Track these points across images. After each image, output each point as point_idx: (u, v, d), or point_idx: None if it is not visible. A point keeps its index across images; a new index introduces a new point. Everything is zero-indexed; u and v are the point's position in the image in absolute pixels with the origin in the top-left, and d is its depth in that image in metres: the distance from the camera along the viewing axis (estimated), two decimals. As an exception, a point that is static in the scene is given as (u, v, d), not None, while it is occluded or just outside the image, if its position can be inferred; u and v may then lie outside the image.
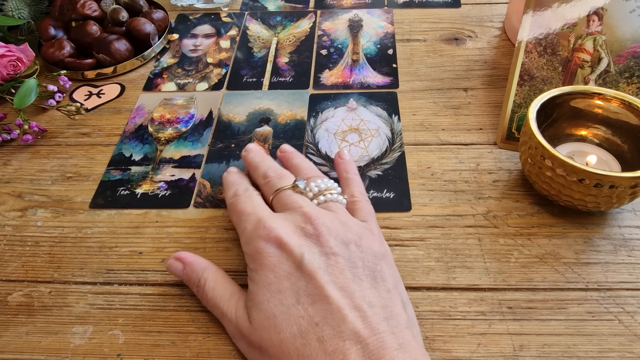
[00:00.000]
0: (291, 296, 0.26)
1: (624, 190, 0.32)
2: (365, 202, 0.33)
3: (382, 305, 0.26)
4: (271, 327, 0.26)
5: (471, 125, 0.43)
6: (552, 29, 0.40)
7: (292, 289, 0.27)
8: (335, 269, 0.27)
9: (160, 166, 0.42)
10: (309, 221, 0.29)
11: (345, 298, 0.26)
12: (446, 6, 0.58)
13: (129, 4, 0.55)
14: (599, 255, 0.34)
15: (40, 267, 0.35)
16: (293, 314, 0.26)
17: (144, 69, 0.52)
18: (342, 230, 0.29)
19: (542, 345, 0.29)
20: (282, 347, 0.25)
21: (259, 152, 0.36)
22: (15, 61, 0.48)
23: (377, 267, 0.28)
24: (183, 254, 0.32)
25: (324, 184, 0.32)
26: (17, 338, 0.31)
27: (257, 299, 0.27)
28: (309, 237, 0.28)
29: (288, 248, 0.28)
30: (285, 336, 0.25)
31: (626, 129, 0.36)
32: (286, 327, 0.26)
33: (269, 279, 0.27)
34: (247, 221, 0.30)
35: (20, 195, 0.40)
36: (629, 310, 0.30)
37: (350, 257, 0.28)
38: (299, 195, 0.31)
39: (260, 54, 0.53)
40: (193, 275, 0.31)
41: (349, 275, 0.27)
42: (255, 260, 0.28)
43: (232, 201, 0.32)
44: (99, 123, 0.46)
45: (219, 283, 0.30)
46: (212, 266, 0.31)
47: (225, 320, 0.29)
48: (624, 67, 0.39)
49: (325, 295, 0.26)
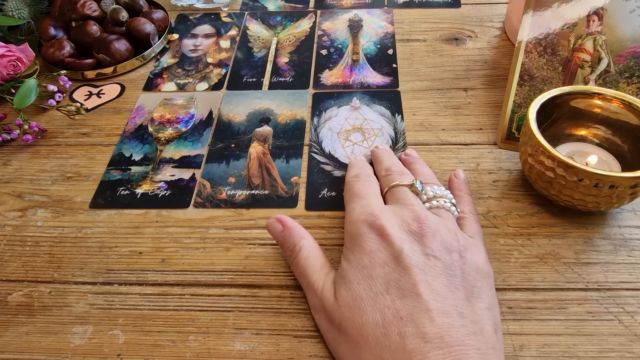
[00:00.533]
0: (382, 284, 0.26)
1: (624, 190, 0.32)
2: (475, 221, 0.33)
3: (473, 320, 0.25)
4: (355, 308, 0.26)
5: (471, 125, 0.43)
6: (552, 29, 0.40)
7: (384, 277, 0.26)
8: (433, 271, 0.26)
9: (160, 166, 0.42)
10: (417, 219, 0.28)
11: (437, 301, 0.25)
12: (446, 6, 0.58)
13: (129, 4, 0.55)
14: (599, 255, 0.34)
15: (40, 267, 0.35)
16: (379, 302, 0.26)
17: (144, 69, 0.52)
18: (448, 237, 0.28)
19: (542, 345, 0.29)
20: (361, 331, 0.25)
21: (387, 150, 0.38)
22: (15, 61, 0.48)
23: (477, 283, 0.27)
24: (285, 218, 0.32)
25: (440, 191, 0.32)
26: (17, 338, 0.31)
27: (348, 277, 0.27)
28: (412, 234, 0.28)
29: (389, 239, 0.28)
30: (367, 320, 0.25)
31: (626, 129, 0.36)
32: (370, 313, 0.25)
33: (363, 262, 0.27)
34: (357, 202, 0.31)
35: (20, 195, 0.40)
36: (629, 310, 0.30)
37: (451, 264, 0.27)
38: (413, 194, 0.32)
39: (260, 54, 0.53)
40: (290, 240, 0.31)
41: (444, 281, 0.26)
42: (354, 241, 0.29)
43: (352, 180, 0.34)
44: (99, 123, 0.46)
45: (313, 253, 0.31)
46: (310, 237, 0.32)
47: (310, 290, 0.30)
48: (624, 67, 0.39)
49: (417, 292, 0.25)
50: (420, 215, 0.29)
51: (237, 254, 0.35)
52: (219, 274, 0.34)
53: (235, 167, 0.41)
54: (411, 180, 0.32)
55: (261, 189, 0.39)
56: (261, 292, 0.33)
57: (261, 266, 0.34)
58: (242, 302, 0.32)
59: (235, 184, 0.40)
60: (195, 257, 0.35)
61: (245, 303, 0.32)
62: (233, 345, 0.30)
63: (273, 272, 0.34)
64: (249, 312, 0.32)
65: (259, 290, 0.33)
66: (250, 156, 0.42)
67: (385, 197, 0.32)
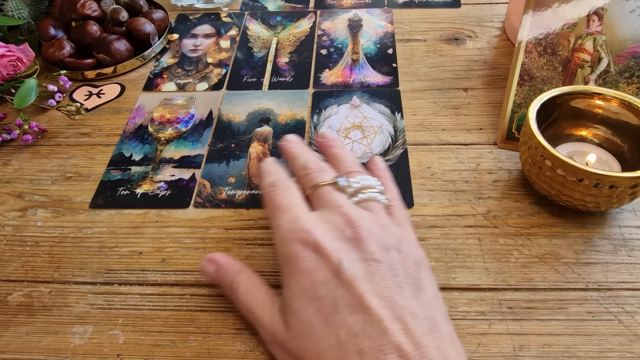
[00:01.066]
0: (329, 304, 0.25)
1: (624, 190, 0.32)
2: (401, 207, 0.32)
3: (425, 317, 0.25)
4: (309, 335, 0.25)
5: (471, 125, 0.43)
6: (552, 29, 0.40)
7: (330, 296, 0.25)
8: (376, 277, 0.25)
9: (160, 166, 0.42)
10: (349, 223, 0.27)
11: (387, 308, 0.24)
12: (446, 6, 0.58)
13: (129, 4, 0.55)
14: (599, 255, 0.34)
15: (40, 267, 0.35)
16: (331, 324, 0.25)
17: (144, 69, 0.52)
18: (383, 234, 0.27)
19: (542, 345, 0.29)
20: (319, 357, 0.24)
21: (298, 143, 0.34)
22: (15, 61, 0.48)
23: (418, 275, 0.27)
24: (216, 256, 0.31)
25: (365, 181, 0.31)
26: (17, 338, 0.31)
27: (294, 306, 0.26)
28: (348, 241, 0.27)
29: (326, 253, 0.26)
30: (323, 346, 0.24)
31: (626, 129, 0.36)
32: (325, 337, 0.24)
33: (305, 285, 0.26)
34: (282, 218, 0.28)
35: (20, 195, 0.40)
36: (629, 310, 0.30)
37: (392, 264, 0.26)
38: (339, 193, 0.30)
39: (260, 54, 0.53)
40: (226, 278, 0.30)
41: (390, 284, 0.25)
42: (291, 264, 0.27)
43: (269, 192, 0.30)
44: (99, 123, 0.46)
45: (252, 287, 0.29)
46: (246, 269, 0.30)
47: (259, 325, 0.28)
48: (624, 67, 0.39)
49: (365, 305, 0.24)
50: (352, 217, 0.27)
51: (237, 254, 0.35)
52: (219, 274, 0.34)
53: (235, 167, 0.41)
54: (333, 176, 0.30)
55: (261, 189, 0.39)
56: (261, 292, 0.33)
57: (261, 266, 0.34)
58: (242, 302, 0.32)
59: (235, 184, 0.40)
60: (196, 257, 0.35)
61: (245, 303, 0.32)
62: (233, 345, 0.30)
63: (273, 272, 0.34)
64: (249, 312, 0.32)
65: (259, 290, 0.33)
66: (250, 156, 0.42)
67: (309, 200, 0.30)
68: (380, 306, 0.24)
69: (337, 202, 0.29)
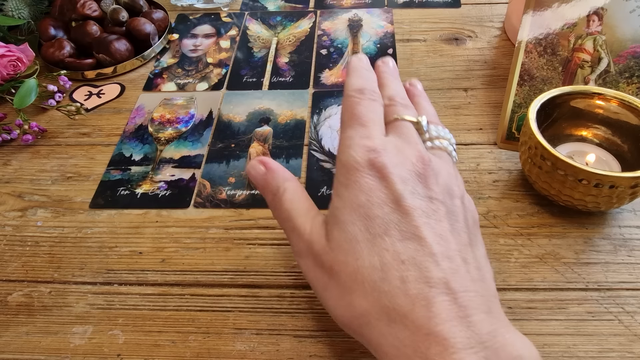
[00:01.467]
0: (380, 225, 0.24)
1: (624, 190, 0.32)
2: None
3: (476, 267, 0.24)
4: (350, 250, 0.24)
5: (471, 125, 0.43)
6: (552, 29, 0.40)
7: (384, 219, 0.24)
8: (436, 215, 0.24)
9: (160, 166, 0.42)
10: (421, 159, 0.26)
11: (441, 245, 0.23)
12: (446, 6, 0.58)
13: (129, 4, 0.55)
14: (599, 255, 0.34)
15: (40, 267, 0.35)
16: (378, 245, 0.23)
17: (144, 69, 0.52)
18: (450, 181, 0.26)
19: (542, 345, 0.29)
20: (356, 275, 0.23)
21: (394, 70, 0.32)
22: (15, 61, 0.48)
23: (475, 231, 0.26)
24: (268, 159, 0.29)
25: (443, 132, 0.29)
26: (17, 338, 0.31)
27: (342, 217, 0.25)
28: (416, 176, 0.25)
29: (390, 179, 0.25)
30: (363, 264, 0.23)
31: (626, 129, 0.36)
32: (367, 256, 0.23)
33: (360, 201, 0.24)
34: (357, 130, 0.27)
35: (20, 195, 0.40)
36: (629, 310, 0.30)
37: (453, 210, 0.25)
38: (417, 133, 0.28)
39: (260, 54, 0.53)
40: (273, 182, 0.28)
41: (447, 226, 0.24)
42: (349, 175, 0.25)
43: (354, 98, 0.28)
44: (99, 123, 0.46)
45: (298, 196, 0.28)
46: (295, 180, 0.29)
47: (294, 234, 0.27)
48: (624, 67, 0.39)
49: (419, 235, 0.23)
50: (424, 156, 0.26)
51: (237, 254, 0.35)
52: (219, 274, 0.34)
53: (235, 167, 0.41)
54: (416, 116, 0.29)
55: (261, 189, 0.39)
56: (261, 292, 0.33)
57: (261, 266, 0.34)
58: (242, 302, 0.32)
59: (235, 184, 0.40)
60: (195, 257, 0.35)
61: (245, 303, 0.32)
62: (233, 345, 0.30)
63: (273, 272, 0.34)
64: (249, 312, 0.32)
65: (259, 290, 0.33)
66: (250, 156, 0.42)
67: (386, 127, 0.29)
68: (435, 242, 0.23)
69: (414, 138, 0.28)
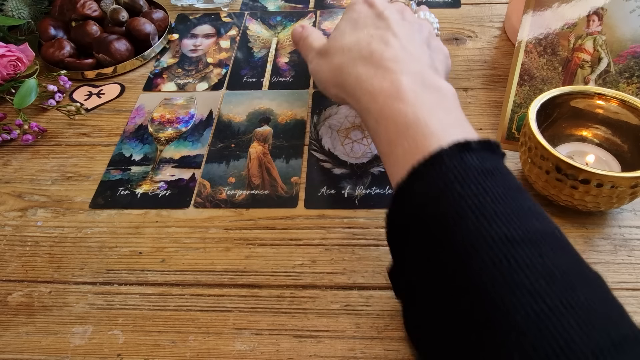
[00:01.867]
0: (362, 24, 0.35)
1: (624, 190, 0.32)
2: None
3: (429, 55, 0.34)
4: (339, 36, 0.36)
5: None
6: (552, 29, 0.40)
7: (365, 22, 0.35)
8: (405, 27, 0.34)
9: (160, 166, 0.42)
10: (402, 6, 0.38)
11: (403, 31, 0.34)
12: (446, 6, 0.58)
13: (129, 4, 0.55)
14: (599, 255, 0.34)
15: (40, 267, 0.35)
16: (358, 31, 0.35)
17: (144, 69, 0.52)
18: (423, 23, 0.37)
19: (542, 345, 0.29)
20: (340, 48, 0.35)
21: None
22: (15, 61, 0.48)
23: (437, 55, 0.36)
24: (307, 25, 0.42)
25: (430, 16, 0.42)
26: (17, 338, 0.31)
27: (338, 26, 0.37)
28: (395, 10, 0.36)
29: (376, 5, 0.36)
30: (345, 40, 0.35)
31: (626, 129, 0.36)
32: (349, 37, 0.35)
33: (352, 16, 0.37)
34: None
35: (20, 195, 0.40)
36: (629, 310, 0.30)
37: (422, 30, 0.36)
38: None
39: (260, 54, 0.53)
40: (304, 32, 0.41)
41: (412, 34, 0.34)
42: (348, 8, 0.38)
43: None
44: (99, 123, 0.46)
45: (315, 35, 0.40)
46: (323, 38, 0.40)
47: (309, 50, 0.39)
48: (624, 67, 0.39)
49: (389, 27, 0.34)
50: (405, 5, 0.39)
51: (237, 254, 0.35)
52: (219, 274, 0.34)
53: (235, 167, 0.41)
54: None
55: (261, 189, 0.39)
56: (261, 292, 0.33)
57: (261, 266, 0.34)
58: (242, 302, 0.32)
59: (235, 184, 0.40)
60: (195, 257, 0.35)
61: (245, 303, 0.32)
62: (233, 345, 0.30)
63: (273, 272, 0.34)
64: (249, 312, 0.32)
65: (259, 290, 0.33)
66: (250, 156, 0.42)
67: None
68: (399, 30, 0.34)
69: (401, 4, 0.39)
